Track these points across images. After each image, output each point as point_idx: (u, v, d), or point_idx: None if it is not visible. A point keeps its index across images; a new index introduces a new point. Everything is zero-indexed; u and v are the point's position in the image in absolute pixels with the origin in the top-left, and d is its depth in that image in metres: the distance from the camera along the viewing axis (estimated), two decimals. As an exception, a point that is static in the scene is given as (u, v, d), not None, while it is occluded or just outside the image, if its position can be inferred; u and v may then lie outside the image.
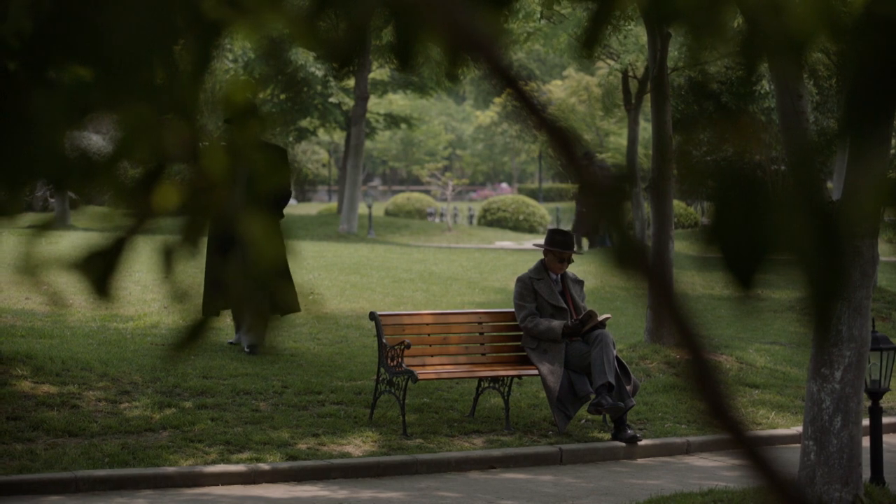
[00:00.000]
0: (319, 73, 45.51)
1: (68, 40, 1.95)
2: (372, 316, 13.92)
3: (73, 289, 17.96)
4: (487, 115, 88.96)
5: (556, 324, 13.76)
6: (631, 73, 25.02)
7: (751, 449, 1.83)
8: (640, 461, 13.63)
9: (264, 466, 12.14)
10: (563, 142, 1.88)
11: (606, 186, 1.85)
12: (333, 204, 59.62)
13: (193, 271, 2.11)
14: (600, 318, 13.80)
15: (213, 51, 2.05)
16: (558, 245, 13.98)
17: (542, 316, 13.92)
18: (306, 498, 11.60)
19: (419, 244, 38.68)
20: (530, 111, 1.90)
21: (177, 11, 1.98)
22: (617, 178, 1.86)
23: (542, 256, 14.26)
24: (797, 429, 13.79)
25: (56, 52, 1.98)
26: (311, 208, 65.22)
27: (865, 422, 11.20)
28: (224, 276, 2.12)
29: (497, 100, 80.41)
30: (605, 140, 69.49)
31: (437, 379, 14.07)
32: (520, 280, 14.14)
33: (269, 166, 2.13)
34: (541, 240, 16.07)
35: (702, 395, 1.83)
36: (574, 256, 14.17)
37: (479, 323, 14.42)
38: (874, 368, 11.35)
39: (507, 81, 1.90)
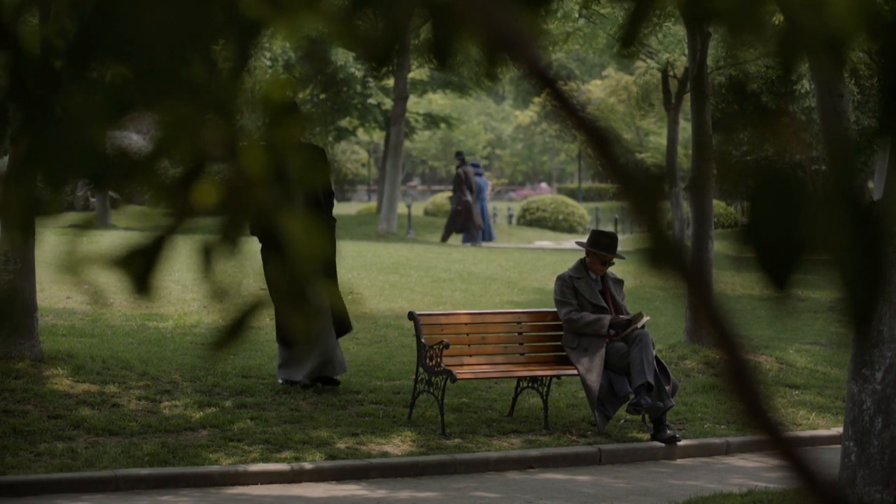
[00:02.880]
0: (359, 73, 45.58)
1: (109, 39, 1.96)
2: (411, 315, 13.92)
3: (113, 288, 18.03)
4: (527, 115, 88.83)
5: (605, 316, 13.70)
6: (671, 73, 24.96)
7: (790, 450, 1.83)
8: (679, 461, 13.59)
9: (304, 465, 12.16)
10: (601, 141, 1.88)
11: (645, 186, 1.85)
12: (373, 203, 59.70)
13: (233, 270, 2.12)
14: (640, 322, 13.77)
15: (252, 49, 2.06)
16: (602, 248, 13.91)
17: (582, 313, 13.89)
18: (345, 497, 11.61)
19: (458, 244, 38.67)
20: (569, 111, 1.90)
21: (216, 10, 1.99)
22: (655, 178, 1.85)
23: (582, 256, 14.22)
24: (837, 430, 13.72)
25: (97, 50, 1.99)
26: (350, 208, 65.30)
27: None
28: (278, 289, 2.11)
29: (536, 99, 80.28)
30: (644, 140, 69.34)
31: (475, 379, 14.07)
32: (560, 278, 14.10)
33: (308, 166, 2.13)
34: (581, 239, 16.02)
35: (740, 395, 1.83)
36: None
37: (518, 323, 14.40)
38: (915, 369, 11.27)
39: (546, 81, 1.90)
